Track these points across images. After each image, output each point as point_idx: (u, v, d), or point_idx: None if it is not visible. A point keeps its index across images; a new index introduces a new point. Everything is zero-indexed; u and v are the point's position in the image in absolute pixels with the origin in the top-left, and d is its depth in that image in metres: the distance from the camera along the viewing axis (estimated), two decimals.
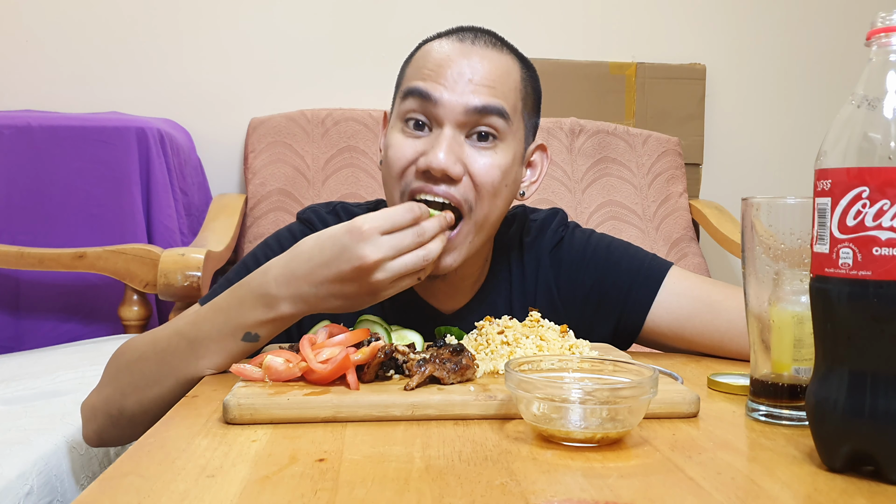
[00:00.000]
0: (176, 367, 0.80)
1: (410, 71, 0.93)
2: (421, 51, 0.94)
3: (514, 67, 0.93)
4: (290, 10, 2.17)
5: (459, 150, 0.88)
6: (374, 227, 0.76)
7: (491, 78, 0.89)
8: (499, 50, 0.92)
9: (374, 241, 0.76)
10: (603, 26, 2.29)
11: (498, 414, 0.66)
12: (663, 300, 0.97)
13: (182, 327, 0.82)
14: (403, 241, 0.77)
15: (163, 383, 0.81)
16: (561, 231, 1.05)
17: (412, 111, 0.89)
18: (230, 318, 0.79)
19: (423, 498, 0.48)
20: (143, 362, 0.83)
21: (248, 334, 0.79)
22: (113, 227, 1.73)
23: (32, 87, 2.08)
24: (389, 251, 0.76)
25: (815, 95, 2.37)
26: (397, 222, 0.77)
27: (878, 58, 0.53)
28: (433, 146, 0.87)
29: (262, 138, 2.01)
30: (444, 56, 0.90)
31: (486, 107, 0.88)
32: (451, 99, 0.87)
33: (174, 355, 0.81)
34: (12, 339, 1.72)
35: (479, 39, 0.92)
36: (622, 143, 2.11)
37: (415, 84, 0.89)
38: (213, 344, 0.79)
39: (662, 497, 0.49)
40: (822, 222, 0.53)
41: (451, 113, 0.87)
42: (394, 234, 0.77)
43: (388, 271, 0.76)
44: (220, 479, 0.51)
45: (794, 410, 0.65)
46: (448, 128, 0.87)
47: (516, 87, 0.93)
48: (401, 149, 0.89)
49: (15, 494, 0.86)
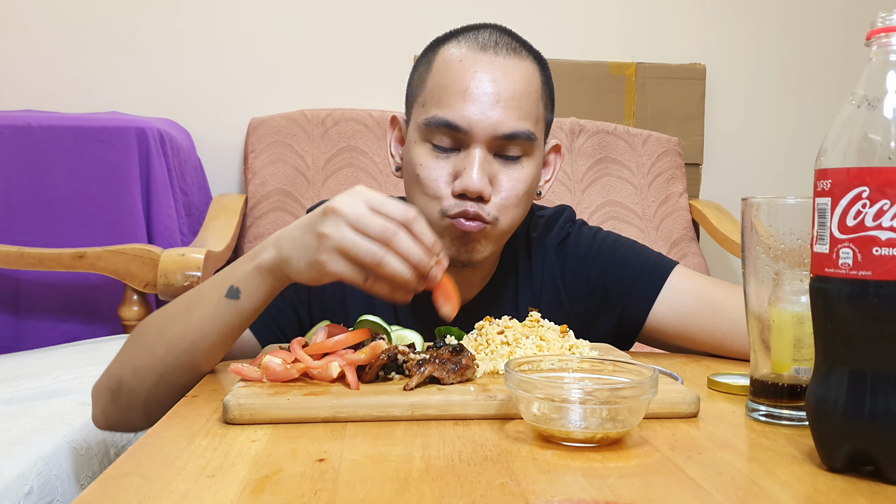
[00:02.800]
0: (168, 331, 0.80)
1: (432, 85, 0.92)
2: (440, 59, 0.93)
3: (535, 73, 0.94)
4: (290, 10, 2.17)
5: (489, 169, 0.89)
6: (365, 192, 0.73)
7: (517, 95, 0.89)
8: (519, 56, 0.92)
9: (352, 199, 0.72)
10: (603, 26, 2.29)
11: (498, 414, 0.66)
12: (666, 297, 0.98)
13: (187, 293, 0.83)
14: (370, 221, 0.71)
15: (156, 351, 0.80)
16: (568, 227, 1.06)
17: (441, 137, 0.90)
18: (226, 274, 0.79)
19: (423, 498, 0.48)
20: (146, 334, 0.84)
21: (231, 288, 0.77)
22: (113, 227, 1.73)
23: (32, 87, 2.08)
24: (352, 214, 0.71)
25: (815, 95, 2.37)
26: (385, 208, 0.72)
27: (878, 58, 0.53)
28: (465, 168, 0.88)
29: (262, 138, 2.01)
30: (468, 72, 0.89)
31: (515, 133, 0.89)
32: (480, 125, 0.88)
33: (171, 320, 0.81)
34: (12, 339, 1.72)
35: (500, 47, 0.91)
36: (622, 143, 2.11)
37: (442, 115, 0.89)
38: (201, 304, 0.79)
39: (662, 497, 0.49)
40: (822, 222, 0.53)
41: (480, 137, 0.88)
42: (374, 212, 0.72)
43: (338, 230, 0.71)
44: (220, 479, 0.51)
45: (794, 410, 0.65)
46: (478, 149, 0.88)
47: (538, 95, 0.93)
48: (434, 170, 0.90)
49: (15, 494, 0.86)
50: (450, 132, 0.89)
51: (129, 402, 0.83)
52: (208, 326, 0.78)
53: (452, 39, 0.94)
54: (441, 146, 0.90)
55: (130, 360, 0.83)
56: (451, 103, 0.89)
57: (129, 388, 0.82)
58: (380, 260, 0.71)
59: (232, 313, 0.78)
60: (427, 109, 0.91)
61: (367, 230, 0.71)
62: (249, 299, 0.78)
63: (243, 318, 0.79)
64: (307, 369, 0.72)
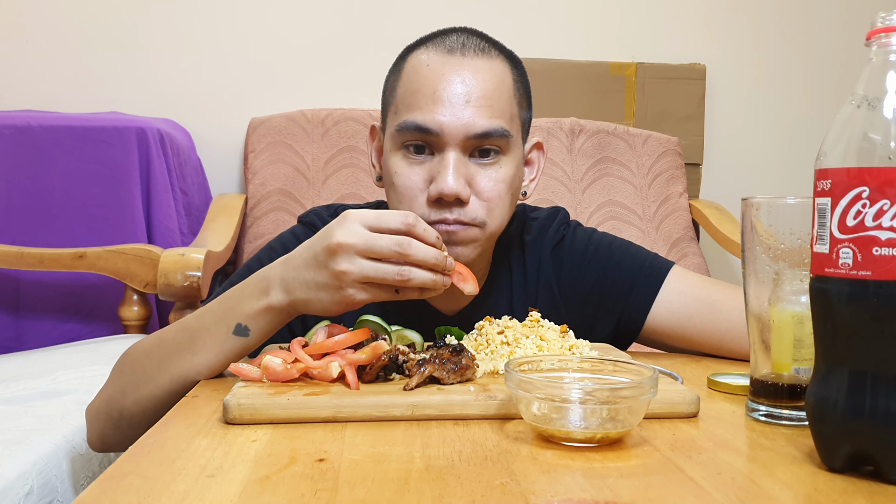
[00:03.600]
0: (172, 363, 0.79)
1: (402, 92, 0.91)
2: (409, 65, 0.92)
3: (506, 71, 0.93)
4: (289, 10, 2.17)
5: (466, 171, 0.88)
6: (357, 216, 0.73)
7: (488, 94, 0.88)
8: (489, 56, 0.91)
9: (350, 227, 0.72)
10: (603, 26, 2.29)
11: (498, 414, 0.66)
12: (664, 299, 0.97)
13: (187, 320, 0.82)
14: (379, 240, 0.72)
15: (158, 381, 0.80)
16: (562, 230, 1.05)
17: (413, 141, 0.89)
18: (230, 307, 0.78)
19: (423, 498, 0.48)
20: (145, 360, 0.83)
21: (238, 326, 0.77)
22: (113, 227, 1.73)
23: (32, 87, 2.08)
24: (360, 241, 0.72)
25: (815, 95, 2.37)
26: (385, 222, 0.73)
27: (878, 58, 0.53)
28: (440, 171, 0.87)
29: (262, 138, 2.01)
30: (437, 75, 0.88)
31: (488, 131, 0.88)
32: (452, 127, 0.87)
33: (173, 350, 0.80)
34: (12, 339, 1.72)
35: (468, 48, 0.90)
36: (622, 143, 2.11)
37: (412, 119, 0.88)
38: (207, 337, 0.78)
39: (662, 497, 0.49)
40: (822, 222, 0.53)
41: (452, 139, 0.87)
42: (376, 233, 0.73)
43: (355, 264, 0.72)
44: (220, 479, 0.51)
45: (794, 410, 0.65)
46: (452, 152, 0.88)
47: (511, 93, 0.92)
48: (408, 177, 0.89)
49: (15, 495, 0.86)
50: (422, 136, 0.88)
51: (130, 428, 0.82)
52: (215, 360, 0.78)
53: (421, 46, 0.93)
54: (414, 152, 0.89)
55: (131, 389, 0.82)
56: (421, 107, 0.88)
57: (132, 415, 0.82)
58: (407, 276, 0.73)
59: (240, 348, 0.78)
60: (399, 116, 0.90)
61: (381, 253, 0.72)
62: (258, 334, 0.78)
63: (249, 349, 0.80)
64: (307, 369, 0.72)
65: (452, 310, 1.00)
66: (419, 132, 0.88)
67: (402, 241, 0.73)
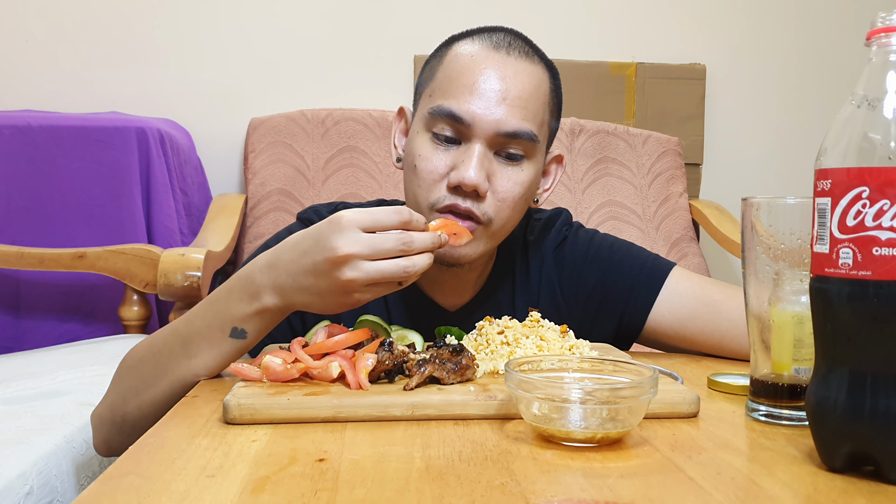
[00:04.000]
0: (169, 367, 0.79)
1: (441, 77, 0.92)
2: (452, 53, 0.93)
3: (545, 78, 0.94)
4: (290, 10, 2.17)
5: (489, 166, 0.89)
6: (353, 220, 0.72)
7: (524, 95, 0.89)
8: (531, 61, 0.92)
9: (349, 235, 0.71)
10: (603, 26, 2.29)
11: (498, 414, 0.66)
12: (665, 300, 0.97)
13: (177, 325, 0.81)
14: (384, 243, 0.72)
15: (157, 385, 0.80)
16: (565, 230, 1.05)
17: (443, 127, 0.90)
18: (219, 311, 0.78)
19: (423, 498, 0.48)
20: (143, 365, 0.83)
21: (235, 329, 0.77)
22: (113, 227, 1.72)
23: (32, 87, 2.08)
24: (365, 249, 0.71)
25: (815, 95, 2.37)
26: (380, 221, 0.73)
27: (878, 58, 0.53)
28: (464, 161, 0.88)
29: (262, 138, 2.01)
30: (478, 67, 0.89)
31: (517, 132, 0.89)
32: (484, 120, 0.88)
33: (168, 355, 0.80)
34: (12, 339, 1.72)
35: (513, 48, 0.91)
36: (622, 143, 2.11)
37: (447, 105, 0.89)
38: (203, 341, 0.78)
39: (662, 497, 0.49)
40: (822, 222, 0.53)
41: (482, 132, 0.88)
42: (375, 233, 0.72)
43: (361, 271, 0.71)
44: (220, 479, 0.51)
45: (794, 410, 0.65)
46: (479, 144, 0.88)
47: (545, 100, 0.93)
48: (431, 161, 0.90)
49: (15, 494, 0.86)
50: (452, 123, 0.89)
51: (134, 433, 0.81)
52: (213, 363, 0.78)
53: (467, 37, 0.94)
54: (442, 137, 0.90)
55: (132, 395, 0.82)
56: (457, 95, 0.89)
57: (134, 420, 0.82)
58: (411, 270, 0.73)
59: (237, 350, 0.78)
60: (434, 99, 0.91)
61: (386, 254, 0.72)
62: (254, 335, 0.78)
63: (248, 349, 0.80)
64: (307, 369, 0.72)
65: (454, 305, 1.01)
66: (451, 119, 0.89)
67: (405, 238, 0.73)
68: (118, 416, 0.83)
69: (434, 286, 1.00)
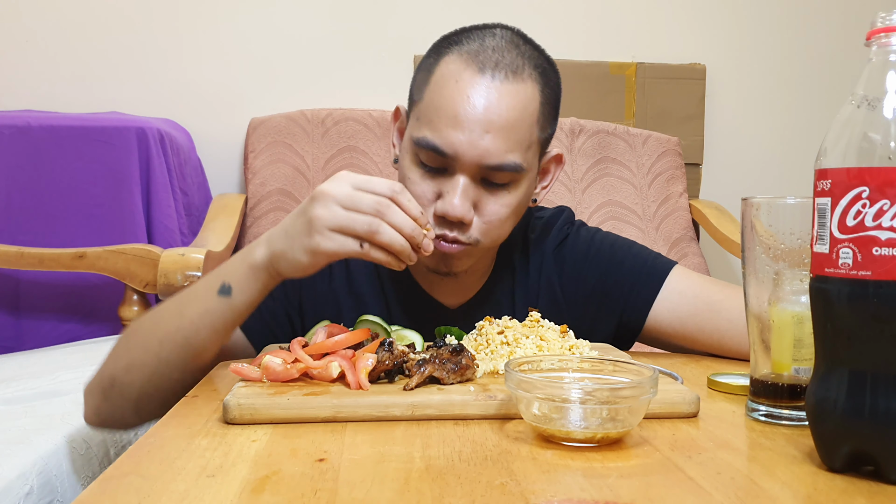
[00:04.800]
0: (160, 328, 0.81)
1: (427, 100, 0.90)
2: (439, 72, 0.90)
3: (534, 95, 0.90)
4: (290, 10, 2.17)
5: (474, 194, 0.89)
6: (348, 176, 0.77)
7: (508, 124, 0.87)
8: (520, 79, 0.88)
9: (337, 183, 0.76)
10: (603, 26, 2.29)
11: (498, 414, 0.66)
12: (665, 298, 0.98)
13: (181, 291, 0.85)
14: (362, 199, 0.75)
15: (148, 346, 0.81)
16: (566, 229, 1.05)
17: (428, 157, 0.89)
18: (216, 273, 0.81)
19: (423, 498, 0.48)
20: (139, 330, 0.85)
21: (223, 286, 0.79)
22: (113, 227, 1.72)
23: (32, 87, 2.08)
24: (342, 196, 0.75)
25: (815, 95, 2.37)
26: (372, 185, 0.77)
27: (878, 58, 0.53)
28: (448, 192, 0.88)
29: (262, 138, 2.01)
30: (462, 96, 0.87)
31: (501, 165, 0.87)
32: (466, 154, 0.86)
33: (162, 317, 0.83)
34: (12, 339, 1.72)
35: (499, 69, 0.88)
36: (622, 143, 2.11)
37: (430, 139, 0.87)
38: (194, 299, 0.81)
39: (662, 497, 0.49)
40: (822, 222, 0.53)
41: (465, 165, 0.87)
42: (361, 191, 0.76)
43: (329, 210, 0.75)
44: (220, 479, 0.51)
45: (794, 410, 0.65)
46: (462, 176, 0.88)
47: (533, 120, 0.90)
48: (420, 186, 0.90)
49: (15, 494, 0.86)
50: (436, 156, 0.88)
51: (121, 399, 0.84)
52: (200, 322, 0.80)
53: (455, 48, 0.91)
54: (427, 167, 0.90)
55: (124, 357, 0.84)
56: (440, 128, 0.87)
57: (122, 385, 0.83)
58: (376, 229, 0.75)
59: (224, 310, 0.80)
60: (420, 127, 0.90)
61: (359, 207, 0.75)
62: (241, 296, 0.80)
63: (235, 315, 0.81)
64: (307, 369, 0.72)
65: (455, 303, 1.01)
66: (434, 152, 0.88)
67: (382, 202, 0.75)
68: (106, 381, 0.84)
69: (434, 285, 1.00)
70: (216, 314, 0.80)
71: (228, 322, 0.81)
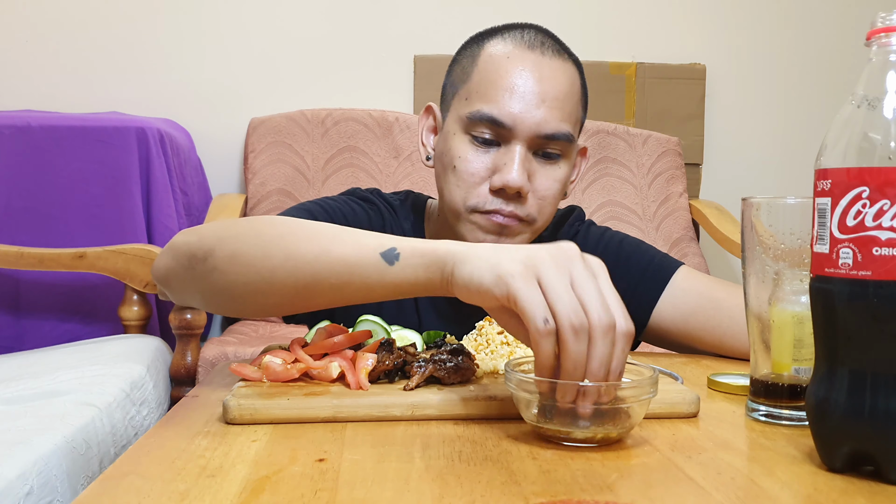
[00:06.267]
0: (296, 244, 0.70)
1: (477, 80, 0.92)
2: (486, 54, 0.93)
3: (576, 75, 0.96)
4: (290, 10, 2.17)
5: (529, 166, 0.91)
6: (591, 266, 0.64)
7: (561, 96, 0.91)
8: (563, 58, 0.94)
9: (584, 257, 0.64)
10: (603, 26, 2.29)
11: (498, 414, 0.66)
12: (669, 295, 0.98)
13: (310, 225, 0.74)
14: (596, 297, 0.60)
15: (269, 253, 0.70)
16: (577, 226, 1.08)
17: (483, 130, 0.90)
18: (375, 235, 0.70)
19: (423, 498, 0.48)
20: (268, 228, 0.74)
21: (391, 250, 0.67)
22: (113, 227, 1.73)
23: (32, 87, 2.09)
24: (563, 273, 0.61)
25: (815, 95, 2.37)
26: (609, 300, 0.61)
27: (878, 58, 0.53)
28: (506, 163, 0.89)
29: (262, 138, 2.01)
30: (515, 68, 0.90)
31: (556, 133, 0.90)
32: (524, 122, 0.89)
33: (304, 236, 0.71)
34: (12, 339, 1.72)
35: (546, 47, 0.93)
36: (622, 143, 2.11)
37: (487, 111, 0.89)
38: (350, 243, 0.69)
39: (662, 497, 0.49)
40: (822, 222, 0.53)
41: (522, 134, 0.89)
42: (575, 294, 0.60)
43: (546, 267, 0.61)
44: (220, 479, 0.51)
45: (794, 410, 0.65)
46: (519, 146, 0.89)
47: (578, 98, 0.95)
48: (472, 163, 0.91)
49: (15, 494, 0.86)
50: (493, 127, 0.90)
51: (201, 276, 0.74)
52: (342, 269, 0.68)
53: (497, 36, 0.95)
54: (481, 140, 0.91)
55: (236, 244, 0.73)
56: (496, 99, 0.90)
57: (214, 266, 0.72)
58: (577, 320, 0.57)
59: (371, 273, 0.67)
60: (471, 103, 0.92)
61: (586, 304, 0.58)
62: (401, 272, 0.66)
63: (371, 289, 0.68)
64: (307, 369, 0.72)
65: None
66: (492, 124, 0.90)
67: (608, 322, 0.58)
68: (203, 251, 0.73)
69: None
70: (362, 271, 0.67)
71: (362, 291, 0.69)
